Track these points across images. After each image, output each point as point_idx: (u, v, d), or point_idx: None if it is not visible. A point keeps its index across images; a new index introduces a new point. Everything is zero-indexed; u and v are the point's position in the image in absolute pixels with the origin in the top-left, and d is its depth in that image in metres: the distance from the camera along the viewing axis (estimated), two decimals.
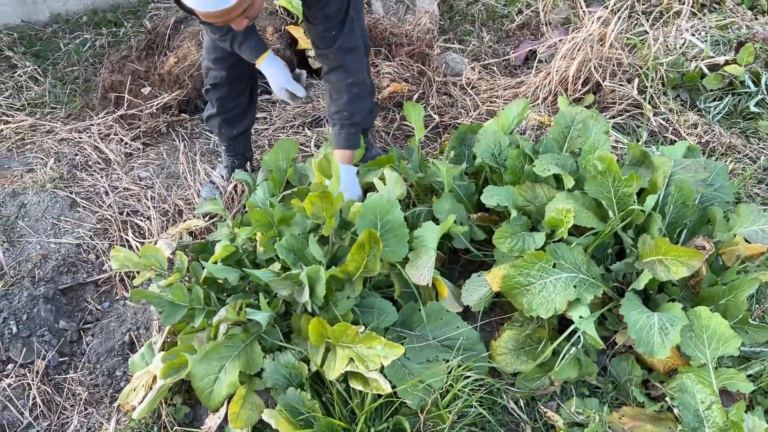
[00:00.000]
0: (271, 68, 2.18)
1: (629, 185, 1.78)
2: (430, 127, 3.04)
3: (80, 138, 2.97)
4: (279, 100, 3.19)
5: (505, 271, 1.76)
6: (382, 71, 3.31)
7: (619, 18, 3.08)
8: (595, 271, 1.78)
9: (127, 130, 3.01)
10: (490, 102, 3.17)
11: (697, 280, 1.83)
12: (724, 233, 1.86)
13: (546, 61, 3.34)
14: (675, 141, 2.87)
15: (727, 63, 3.18)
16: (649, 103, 3.03)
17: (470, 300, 1.85)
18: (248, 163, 2.64)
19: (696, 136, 2.86)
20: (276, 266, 1.86)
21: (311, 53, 3.26)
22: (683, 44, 3.38)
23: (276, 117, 3.12)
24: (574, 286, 1.71)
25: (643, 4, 3.84)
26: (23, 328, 2.07)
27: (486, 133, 2.15)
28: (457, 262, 2.14)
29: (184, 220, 2.46)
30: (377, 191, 1.99)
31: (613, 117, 2.98)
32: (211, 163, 2.86)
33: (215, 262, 1.90)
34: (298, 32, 3.28)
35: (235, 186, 2.52)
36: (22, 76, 3.44)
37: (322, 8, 1.95)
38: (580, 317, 1.65)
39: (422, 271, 1.77)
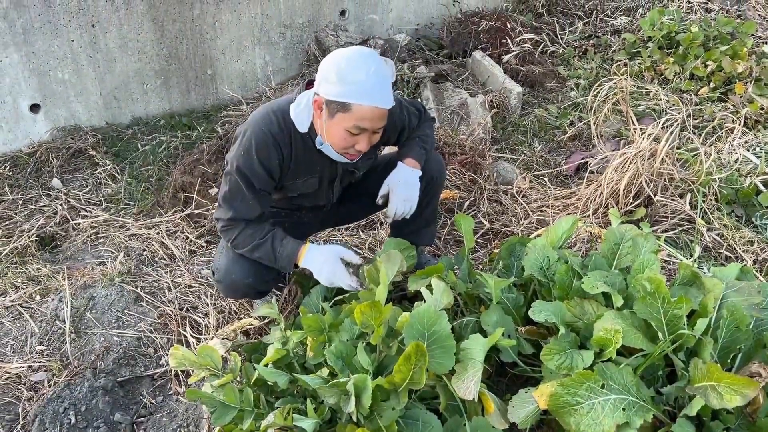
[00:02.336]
0: (320, 261, 2.09)
1: (679, 307, 1.77)
2: (480, 233, 3.11)
3: (149, 234, 3.17)
4: None
5: (553, 388, 1.75)
6: None
7: (670, 134, 3.14)
8: (644, 394, 1.75)
9: (193, 228, 3.20)
10: (541, 211, 3.24)
11: (753, 408, 1.77)
12: None
13: (597, 173, 3.41)
14: (729, 257, 2.84)
15: None
16: (702, 218, 3.03)
17: (517, 417, 1.83)
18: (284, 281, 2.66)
19: (752, 254, 2.83)
20: (324, 372, 1.90)
21: None
22: (737, 160, 3.40)
23: None
24: (623, 409, 1.68)
25: (695, 119, 3.91)
26: (81, 419, 2.15)
27: (535, 247, 2.20)
28: (504, 375, 2.14)
29: (240, 319, 2.55)
30: (424, 300, 2.05)
31: (665, 231, 2.98)
32: None
33: (266, 365, 1.97)
34: None
35: (290, 289, 2.62)
36: (102, 174, 3.74)
37: (408, 116, 2.25)
38: None
39: (468, 384, 1.77)
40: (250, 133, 2.03)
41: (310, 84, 2.08)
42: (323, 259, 2.09)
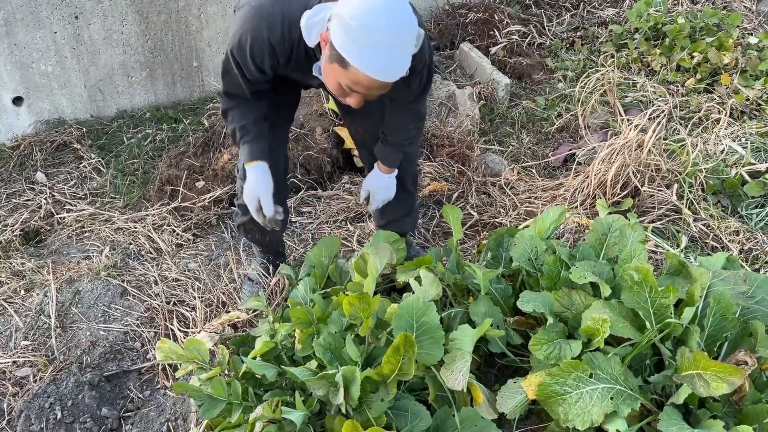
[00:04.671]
0: (259, 175, 2.10)
1: (666, 297, 1.78)
2: (468, 225, 3.11)
3: (135, 228, 3.14)
4: (322, 197, 3.32)
5: (541, 378, 1.76)
6: (424, 170, 3.43)
7: (657, 125, 3.15)
8: (632, 383, 1.76)
9: (179, 222, 3.17)
10: (529, 202, 3.24)
11: (739, 396, 1.78)
12: (767, 348, 1.82)
13: (585, 164, 3.41)
14: (716, 247, 2.86)
15: None
16: (689, 208, 3.04)
17: (506, 407, 1.84)
18: (282, 257, 2.73)
19: (738, 243, 2.85)
20: (313, 364, 1.90)
21: (356, 152, 3.42)
22: (723, 150, 3.42)
23: (320, 212, 3.24)
24: (611, 398, 1.70)
25: (681, 110, 3.93)
26: (67, 414, 2.13)
27: (523, 237, 2.20)
28: (493, 366, 2.14)
29: (228, 312, 2.53)
30: (413, 292, 2.05)
31: (652, 221, 3.00)
32: (254, 256, 2.96)
33: (254, 357, 1.96)
34: (344, 132, 3.46)
35: (278, 280, 2.60)
36: (87, 167, 3.69)
37: (420, 79, 2.04)
38: (617, 431, 1.63)
39: (457, 375, 1.78)
40: (248, 29, 1.84)
41: None
42: (247, 192, 2.10)
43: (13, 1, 3.57)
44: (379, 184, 2.36)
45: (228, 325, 2.39)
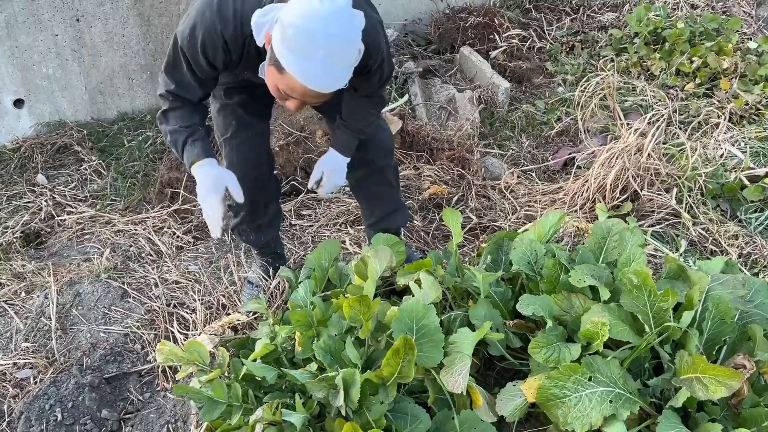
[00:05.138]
0: (215, 168, 1.98)
1: (665, 300, 1.79)
2: (468, 228, 3.12)
3: (136, 230, 3.14)
4: (322, 200, 3.33)
5: (541, 381, 1.77)
6: (424, 174, 3.44)
7: (656, 129, 3.16)
8: (631, 386, 1.77)
9: (180, 224, 3.17)
10: (528, 206, 3.25)
11: (738, 399, 1.79)
12: (765, 352, 1.83)
13: (585, 168, 3.42)
14: (715, 251, 2.87)
15: (767, 175, 3.20)
16: (688, 212, 3.05)
17: (505, 410, 1.84)
18: (281, 259, 2.73)
19: (737, 248, 2.85)
20: (313, 366, 1.90)
21: None
22: (722, 155, 3.43)
23: (320, 215, 3.25)
24: (610, 401, 1.70)
25: (681, 115, 3.94)
26: (67, 416, 2.14)
27: (522, 241, 2.21)
28: (493, 369, 2.14)
29: (228, 314, 2.54)
30: (413, 295, 2.05)
31: (652, 225, 3.00)
32: (254, 259, 2.97)
33: (255, 360, 1.96)
34: None
35: (278, 283, 2.61)
36: (87, 170, 3.70)
37: (380, 74, 2.03)
38: None
39: (457, 378, 1.78)
40: (200, 23, 1.80)
41: None
42: (209, 185, 1.96)
43: (15, 3, 3.58)
44: (334, 165, 2.28)
45: (228, 327, 2.39)
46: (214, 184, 1.96)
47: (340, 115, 2.26)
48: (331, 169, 2.30)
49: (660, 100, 4.09)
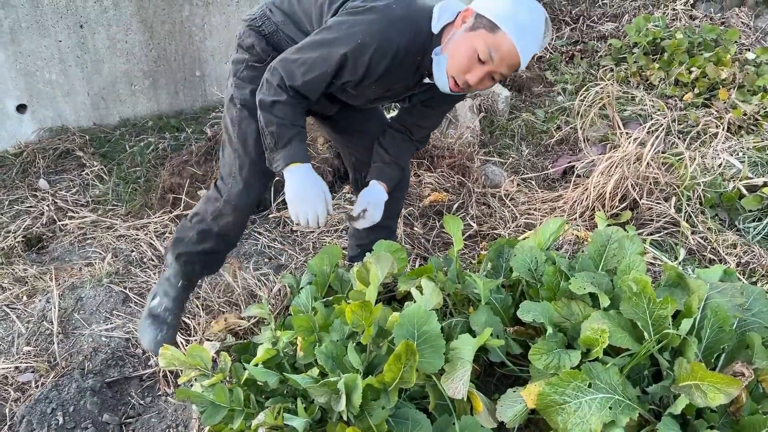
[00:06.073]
0: (313, 173, 2.04)
1: (664, 308, 1.80)
2: (468, 235, 3.14)
3: (137, 235, 3.16)
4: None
5: (541, 388, 1.78)
6: (424, 181, 3.46)
7: (656, 138, 3.19)
8: (631, 393, 1.78)
9: None
10: (528, 214, 3.27)
11: (737, 407, 1.80)
12: (763, 360, 1.84)
13: (584, 176, 3.45)
14: (713, 260, 2.89)
15: (765, 184, 3.23)
16: (687, 221, 3.07)
17: (505, 416, 1.85)
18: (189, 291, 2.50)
19: (736, 257, 2.87)
20: (315, 371, 1.91)
21: None
22: (720, 164, 3.45)
23: None
24: (610, 408, 1.71)
25: (680, 124, 3.97)
26: (69, 420, 2.14)
27: (523, 248, 2.22)
28: (493, 375, 2.15)
29: (227, 319, 2.55)
30: (413, 301, 2.06)
31: (651, 234, 3.02)
32: (256, 264, 2.99)
33: (256, 365, 1.97)
34: None
35: (279, 288, 2.62)
36: (89, 175, 3.71)
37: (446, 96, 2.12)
38: None
39: (457, 384, 1.79)
40: (376, 36, 1.86)
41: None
42: (312, 183, 2.02)
43: (19, 9, 3.61)
44: (378, 200, 2.30)
45: (229, 332, 2.40)
46: (316, 185, 2.02)
47: (386, 151, 2.31)
48: (375, 203, 2.30)
49: (659, 110, 4.12)
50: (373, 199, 2.31)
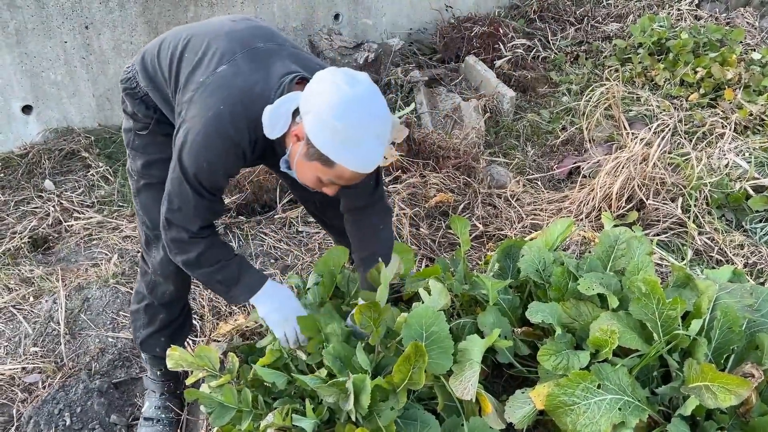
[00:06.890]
0: (287, 292, 1.98)
1: (674, 308, 1.80)
2: (474, 236, 3.13)
3: None
4: None
5: (550, 389, 1.77)
6: (430, 182, 3.46)
7: (662, 139, 3.18)
8: (640, 394, 1.77)
9: None
10: (534, 215, 3.26)
11: (746, 408, 1.80)
12: None
13: (590, 177, 3.44)
14: (721, 260, 2.88)
15: None
16: (694, 222, 3.06)
17: (514, 417, 1.85)
18: (179, 383, 2.35)
19: (743, 257, 2.86)
20: (322, 372, 1.91)
21: None
22: (727, 165, 3.44)
23: None
24: (619, 409, 1.70)
25: (685, 125, 3.96)
26: (76, 421, 2.14)
27: (531, 249, 2.22)
28: (501, 377, 2.15)
29: (236, 320, 2.55)
30: (421, 302, 2.06)
31: (658, 234, 3.01)
32: (263, 264, 2.99)
33: (264, 365, 1.97)
34: None
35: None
36: (94, 176, 3.72)
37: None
38: None
39: (466, 385, 1.79)
40: (211, 151, 1.71)
41: (300, 81, 1.72)
42: (291, 310, 1.98)
43: (25, 11, 3.61)
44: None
45: (236, 333, 2.40)
46: (289, 299, 2.00)
47: (358, 257, 2.15)
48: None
49: (664, 110, 4.11)
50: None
